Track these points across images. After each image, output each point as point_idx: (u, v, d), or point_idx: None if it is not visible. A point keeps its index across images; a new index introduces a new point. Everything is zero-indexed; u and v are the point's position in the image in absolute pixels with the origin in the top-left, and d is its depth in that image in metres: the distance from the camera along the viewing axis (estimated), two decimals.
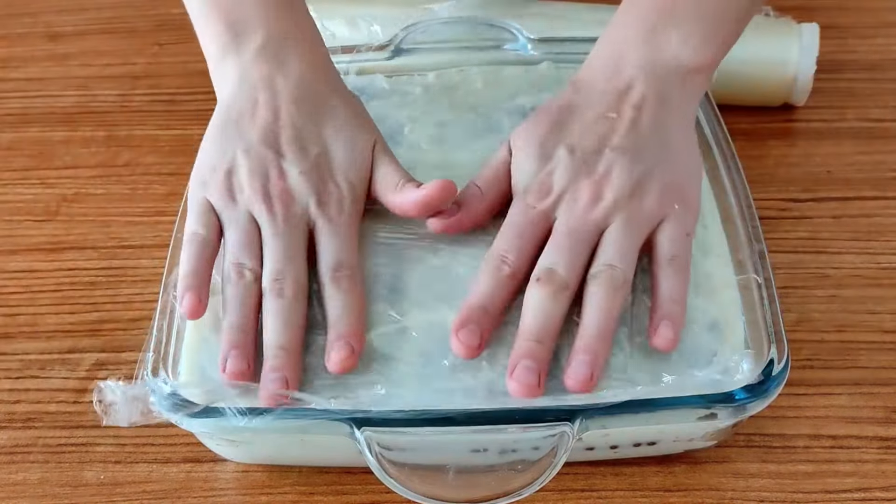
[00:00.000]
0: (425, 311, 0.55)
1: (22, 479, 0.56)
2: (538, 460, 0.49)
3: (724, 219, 0.59)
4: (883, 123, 0.76)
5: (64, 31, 0.89)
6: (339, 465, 0.56)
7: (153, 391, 0.50)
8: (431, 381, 0.52)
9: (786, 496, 0.54)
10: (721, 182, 0.61)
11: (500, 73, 0.70)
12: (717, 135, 0.64)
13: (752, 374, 0.51)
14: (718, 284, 0.56)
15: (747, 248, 0.57)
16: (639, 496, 0.55)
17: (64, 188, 0.74)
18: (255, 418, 0.49)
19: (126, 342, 0.63)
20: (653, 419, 0.50)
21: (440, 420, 0.49)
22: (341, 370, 0.51)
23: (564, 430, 0.49)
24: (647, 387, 0.51)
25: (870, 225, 0.68)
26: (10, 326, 0.64)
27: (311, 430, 0.50)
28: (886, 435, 0.57)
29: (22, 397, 0.60)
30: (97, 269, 0.68)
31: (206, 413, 0.50)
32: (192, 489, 0.56)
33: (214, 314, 0.55)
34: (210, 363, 0.53)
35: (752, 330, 0.53)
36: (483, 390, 0.51)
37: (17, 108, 0.81)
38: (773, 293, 0.54)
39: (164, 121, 0.79)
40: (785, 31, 0.74)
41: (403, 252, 0.58)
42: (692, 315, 0.54)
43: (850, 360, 0.60)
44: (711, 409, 0.50)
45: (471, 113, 0.66)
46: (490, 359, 0.52)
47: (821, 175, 0.72)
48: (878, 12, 0.86)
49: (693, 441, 0.55)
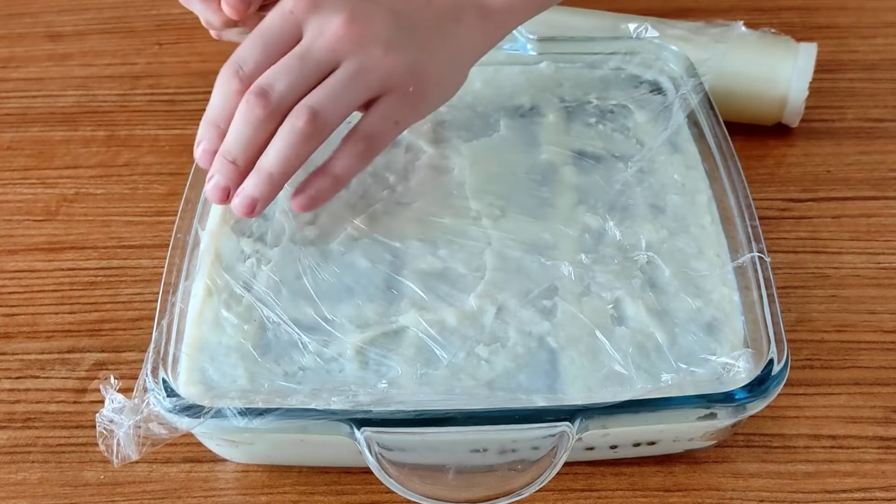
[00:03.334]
0: (423, 311, 0.55)
1: (22, 478, 0.56)
2: (538, 460, 0.49)
3: (723, 218, 0.59)
4: (883, 123, 0.76)
5: (64, 31, 0.89)
6: (339, 465, 0.56)
7: (153, 393, 0.50)
8: (431, 381, 0.52)
9: (786, 496, 0.54)
10: (721, 182, 0.61)
11: (498, 72, 0.70)
12: (716, 135, 0.64)
13: (751, 374, 0.51)
14: (716, 284, 0.56)
15: (746, 248, 0.57)
16: (639, 496, 0.55)
17: (64, 188, 0.74)
18: (255, 419, 0.49)
19: (126, 342, 0.63)
20: (652, 419, 0.50)
21: (440, 420, 0.49)
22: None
23: (564, 429, 0.49)
24: (647, 386, 0.51)
25: (870, 225, 0.68)
26: (10, 326, 0.64)
27: (311, 431, 0.50)
28: (886, 435, 0.57)
29: (22, 397, 0.60)
30: (97, 269, 0.68)
31: (206, 414, 0.50)
32: (192, 489, 0.56)
33: (214, 314, 0.55)
34: (210, 364, 0.53)
35: (751, 329, 0.53)
36: (483, 390, 0.51)
37: (17, 108, 0.81)
38: (773, 292, 0.54)
39: (164, 121, 0.79)
40: (782, 49, 0.73)
41: (400, 251, 0.58)
42: (689, 315, 0.54)
43: (850, 360, 0.60)
44: (711, 409, 0.50)
45: (469, 112, 0.67)
46: (490, 358, 0.53)
47: (821, 175, 0.72)
48: (878, 12, 0.86)
49: (693, 441, 0.55)
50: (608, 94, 0.69)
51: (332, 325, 0.54)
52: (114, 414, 0.49)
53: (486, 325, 0.54)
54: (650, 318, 0.54)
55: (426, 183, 0.62)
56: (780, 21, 0.86)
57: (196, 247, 0.58)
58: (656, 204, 0.61)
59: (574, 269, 0.56)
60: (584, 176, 0.62)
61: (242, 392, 0.51)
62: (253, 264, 0.57)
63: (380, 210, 0.60)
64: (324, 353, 0.53)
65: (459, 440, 0.50)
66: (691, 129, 0.65)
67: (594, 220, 0.59)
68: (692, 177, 0.62)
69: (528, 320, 0.54)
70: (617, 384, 0.51)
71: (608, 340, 0.53)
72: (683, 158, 0.63)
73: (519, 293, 0.55)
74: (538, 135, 0.66)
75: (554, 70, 0.70)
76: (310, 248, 0.58)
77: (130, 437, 0.49)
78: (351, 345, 0.53)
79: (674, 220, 0.59)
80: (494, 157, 0.64)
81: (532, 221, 0.59)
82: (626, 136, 0.65)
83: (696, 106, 0.66)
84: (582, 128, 0.66)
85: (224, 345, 0.54)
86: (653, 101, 0.68)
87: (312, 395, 0.50)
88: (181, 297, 0.55)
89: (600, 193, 0.61)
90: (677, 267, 0.57)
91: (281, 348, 0.53)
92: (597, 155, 0.64)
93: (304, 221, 0.60)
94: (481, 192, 0.61)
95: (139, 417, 0.49)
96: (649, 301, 0.55)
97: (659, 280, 0.56)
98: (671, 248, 0.58)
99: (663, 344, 0.53)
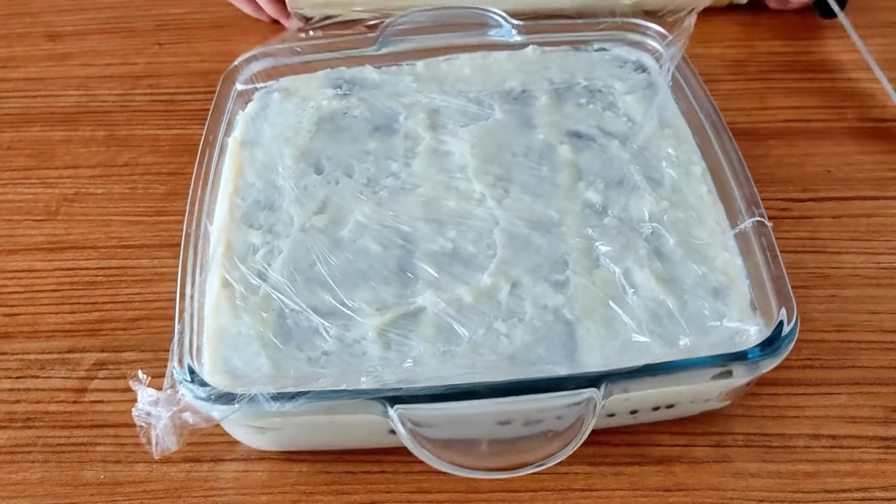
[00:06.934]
0: (440, 291, 0.56)
1: (22, 478, 0.56)
2: (569, 427, 0.50)
3: (719, 188, 0.61)
4: (883, 123, 0.76)
5: (64, 31, 0.89)
6: (366, 446, 0.56)
7: (184, 384, 0.50)
8: (454, 357, 0.53)
9: (786, 496, 0.54)
10: (714, 154, 0.63)
11: (486, 58, 0.72)
12: (704, 107, 0.65)
13: (762, 334, 0.52)
14: (718, 251, 0.57)
15: (746, 214, 0.58)
16: (639, 496, 0.55)
17: (64, 188, 0.74)
18: (288, 402, 0.49)
19: (126, 342, 0.63)
20: (672, 380, 0.51)
21: (472, 393, 0.50)
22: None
23: (591, 395, 0.50)
24: (665, 350, 0.52)
25: (870, 225, 0.68)
26: (10, 326, 0.64)
27: (343, 411, 0.51)
28: (886, 435, 0.57)
29: (22, 397, 0.60)
30: (97, 269, 0.68)
31: (241, 400, 0.50)
32: (192, 489, 0.56)
33: (231, 302, 0.55)
34: (233, 353, 0.53)
35: (758, 292, 0.55)
36: (505, 363, 0.52)
37: (17, 108, 0.81)
38: (777, 254, 0.55)
39: (164, 121, 0.79)
40: None
41: (410, 235, 0.59)
42: (696, 280, 0.56)
43: (850, 359, 0.60)
44: (727, 367, 0.51)
45: (462, 98, 0.68)
46: (509, 333, 0.54)
47: (821, 175, 0.72)
48: (878, 12, 0.86)
49: (709, 401, 0.56)
50: (594, 74, 0.71)
51: (351, 310, 0.55)
52: (150, 407, 0.50)
53: (502, 302, 0.55)
54: (659, 285, 0.56)
55: (428, 168, 0.64)
56: (781, 21, 0.86)
57: (206, 242, 0.59)
58: (652, 177, 0.62)
59: (582, 242, 0.58)
60: (580, 154, 0.64)
61: (270, 378, 0.52)
62: (265, 255, 0.58)
63: (386, 197, 0.62)
64: (345, 336, 0.54)
65: (488, 412, 0.51)
66: (679, 104, 0.67)
67: (595, 196, 0.61)
68: (684, 150, 0.64)
69: (543, 294, 0.56)
70: (634, 351, 0.52)
71: (621, 310, 0.55)
72: (674, 132, 0.66)
73: (531, 269, 0.57)
74: (532, 117, 0.68)
75: (540, 54, 0.72)
76: (320, 237, 0.59)
77: (169, 428, 0.50)
78: (372, 327, 0.54)
79: (672, 192, 0.61)
80: (492, 139, 0.65)
81: (536, 199, 0.61)
82: (616, 114, 0.67)
83: (678, 76, 0.68)
84: (573, 108, 0.68)
85: (244, 334, 0.54)
86: (637, 79, 0.70)
87: (340, 378, 0.51)
88: (198, 291, 0.56)
89: (598, 169, 0.63)
90: (680, 236, 0.58)
91: (302, 335, 0.54)
92: (590, 133, 0.66)
93: (312, 211, 0.61)
94: (483, 174, 0.63)
95: (175, 409, 0.50)
96: (657, 269, 0.56)
97: (664, 249, 0.58)
98: (673, 219, 0.59)
99: (674, 309, 0.54)
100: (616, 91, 0.69)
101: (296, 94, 0.70)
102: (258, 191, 0.63)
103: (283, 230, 0.60)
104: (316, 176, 0.64)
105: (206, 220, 0.60)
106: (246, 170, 0.64)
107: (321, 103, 0.69)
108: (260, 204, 0.62)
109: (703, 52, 0.82)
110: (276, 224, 0.60)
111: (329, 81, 0.71)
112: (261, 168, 0.64)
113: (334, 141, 0.66)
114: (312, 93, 0.70)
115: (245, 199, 0.62)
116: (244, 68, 0.71)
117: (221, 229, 0.60)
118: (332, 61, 0.72)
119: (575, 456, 0.55)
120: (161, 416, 0.50)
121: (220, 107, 0.67)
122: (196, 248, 0.58)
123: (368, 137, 0.66)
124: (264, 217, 0.61)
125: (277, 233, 0.60)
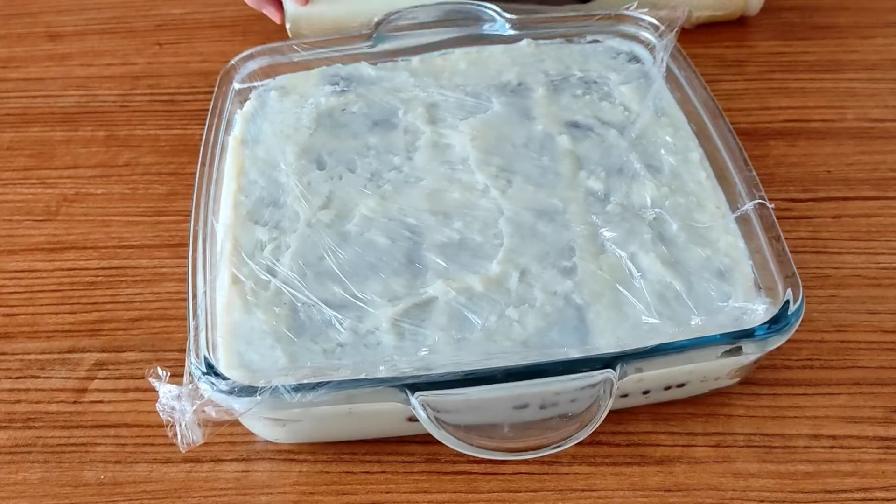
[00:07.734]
0: (450, 280, 0.56)
1: (22, 478, 0.56)
2: (588, 407, 0.51)
3: (717, 174, 0.62)
4: (883, 123, 0.76)
5: (64, 31, 0.89)
6: (384, 435, 0.56)
7: (205, 379, 0.50)
8: (468, 345, 0.53)
9: (786, 496, 0.54)
10: (711, 140, 0.63)
11: (481, 52, 0.73)
12: (699, 94, 0.66)
13: (769, 312, 0.53)
14: (720, 234, 0.58)
15: (747, 197, 0.59)
16: (639, 496, 0.55)
17: (64, 188, 0.74)
18: (309, 393, 0.50)
19: (126, 342, 0.63)
20: (684, 359, 0.52)
21: (492, 378, 0.50)
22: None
23: (608, 376, 0.50)
24: (676, 330, 0.53)
25: (870, 225, 0.68)
26: (10, 326, 0.64)
27: (364, 400, 0.51)
28: (886, 435, 0.57)
29: (22, 397, 0.60)
30: (97, 269, 0.68)
31: (263, 392, 0.50)
32: (192, 489, 0.56)
33: (243, 297, 0.56)
34: (247, 348, 0.54)
35: (762, 273, 0.56)
36: (519, 349, 0.53)
37: (17, 108, 0.81)
38: (779, 234, 0.56)
39: (164, 121, 0.79)
40: None
41: (417, 227, 0.60)
42: (700, 263, 0.57)
43: (850, 359, 0.60)
44: (737, 344, 0.52)
45: (460, 92, 0.69)
46: (521, 319, 0.54)
47: (821, 175, 0.72)
48: (878, 12, 0.86)
49: (719, 380, 0.57)
50: (589, 66, 0.72)
51: (363, 302, 0.56)
52: (174, 402, 0.50)
53: (511, 289, 0.56)
54: (665, 269, 0.56)
55: (430, 161, 0.64)
56: (781, 21, 0.86)
57: (213, 240, 0.59)
58: (652, 164, 0.63)
59: (587, 229, 0.59)
60: (579, 143, 0.65)
61: (287, 371, 0.52)
62: (273, 251, 0.59)
63: (390, 190, 0.62)
64: (359, 328, 0.54)
65: (505, 396, 0.51)
66: (674, 93, 0.68)
67: (597, 184, 0.62)
68: (681, 137, 0.65)
69: (552, 280, 0.56)
70: (645, 332, 0.53)
71: (629, 293, 0.55)
72: (670, 121, 0.66)
73: (538, 256, 0.58)
74: (530, 108, 0.68)
75: (535, 47, 0.73)
76: (327, 231, 0.60)
77: (194, 422, 0.50)
78: (385, 318, 0.55)
79: (672, 179, 0.62)
80: (492, 131, 0.66)
81: (539, 189, 0.62)
82: (612, 104, 0.68)
83: (673, 65, 0.69)
84: (570, 99, 0.69)
85: (258, 329, 0.55)
86: (631, 69, 0.71)
87: (357, 368, 0.51)
88: (209, 288, 0.56)
89: (598, 158, 0.64)
90: (682, 221, 0.59)
91: (315, 328, 0.55)
92: (588, 123, 0.67)
93: (318, 206, 0.61)
94: (485, 165, 0.63)
95: (198, 403, 0.50)
96: (662, 253, 0.57)
97: (667, 233, 0.59)
98: (674, 204, 0.60)
99: (681, 291, 0.56)
100: (611, 82, 0.70)
101: (293, 91, 0.71)
102: (261, 188, 0.63)
103: (289, 226, 0.60)
104: (318, 171, 0.64)
105: (212, 218, 0.60)
106: (248, 168, 0.64)
107: (319, 100, 0.69)
108: (264, 201, 0.62)
109: (703, 52, 0.82)
110: (281, 220, 0.61)
111: (325, 78, 0.71)
112: (263, 165, 0.65)
113: (335, 137, 0.67)
114: (309, 90, 0.70)
115: (249, 196, 0.62)
116: (241, 67, 0.71)
117: (227, 227, 0.60)
118: (328, 59, 0.72)
119: (575, 456, 0.55)
120: (186, 410, 0.50)
121: (219, 106, 0.68)
122: (205, 246, 0.58)
123: (368, 133, 0.67)
124: (269, 213, 0.61)
125: (284, 228, 0.60)
